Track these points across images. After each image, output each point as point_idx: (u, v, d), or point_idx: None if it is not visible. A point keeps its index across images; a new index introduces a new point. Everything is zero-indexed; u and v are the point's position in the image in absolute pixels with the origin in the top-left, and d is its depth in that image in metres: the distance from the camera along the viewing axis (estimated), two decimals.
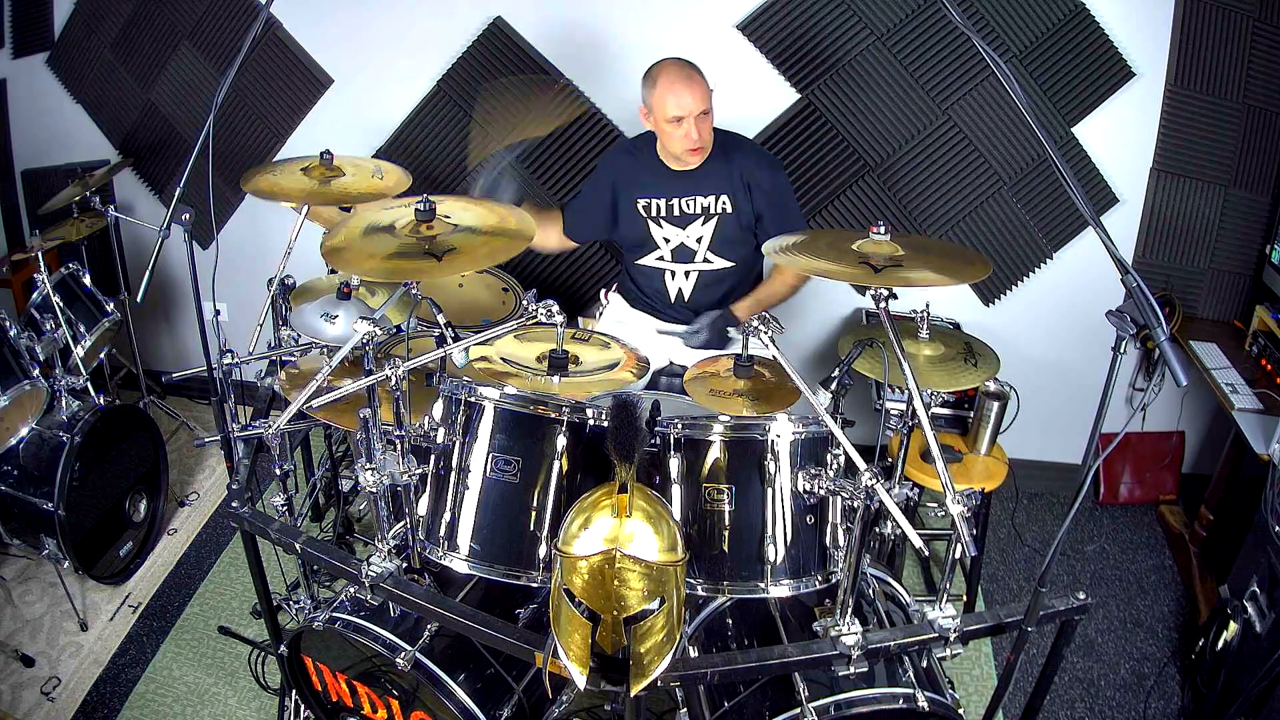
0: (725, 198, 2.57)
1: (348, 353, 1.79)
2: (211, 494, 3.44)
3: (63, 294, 2.97)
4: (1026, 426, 2.87)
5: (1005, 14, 2.88)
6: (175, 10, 3.37)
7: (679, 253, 2.67)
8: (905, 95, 3.03)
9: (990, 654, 2.77)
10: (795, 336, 3.43)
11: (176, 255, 3.49)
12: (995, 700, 1.79)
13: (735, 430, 1.80)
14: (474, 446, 1.83)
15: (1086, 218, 1.48)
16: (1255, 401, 2.65)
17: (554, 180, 3.34)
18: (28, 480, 2.67)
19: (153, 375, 3.81)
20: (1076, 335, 3.23)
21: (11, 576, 2.92)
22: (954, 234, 3.18)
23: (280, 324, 2.50)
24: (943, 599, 1.69)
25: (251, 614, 2.84)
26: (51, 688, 2.57)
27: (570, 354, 1.96)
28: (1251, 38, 2.83)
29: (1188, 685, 2.59)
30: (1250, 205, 3.03)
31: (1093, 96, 2.94)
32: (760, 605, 2.01)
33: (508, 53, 3.19)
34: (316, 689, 2.06)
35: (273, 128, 3.47)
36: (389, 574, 1.77)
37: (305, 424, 2.67)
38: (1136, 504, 3.43)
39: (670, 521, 1.46)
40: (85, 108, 3.61)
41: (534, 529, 1.82)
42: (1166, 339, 1.27)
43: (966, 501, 1.56)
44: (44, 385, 2.73)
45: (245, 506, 1.91)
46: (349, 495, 3.13)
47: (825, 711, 1.65)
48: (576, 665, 1.44)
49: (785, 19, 3.00)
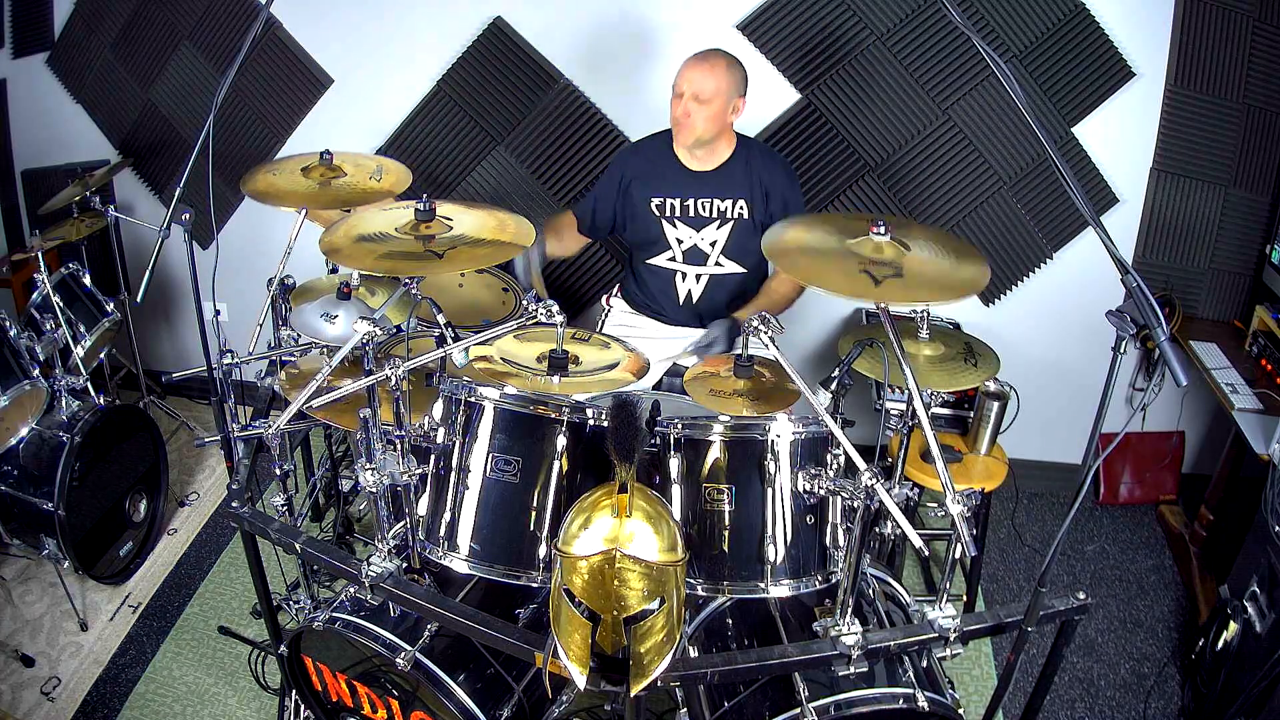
0: (743, 202, 2.56)
1: (348, 353, 1.79)
2: (211, 494, 3.43)
3: (63, 294, 2.96)
4: (1026, 426, 2.87)
5: (1005, 14, 2.88)
6: (175, 10, 3.37)
7: (691, 254, 2.66)
8: (905, 95, 3.03)
9: (990, 654, 2.77)
10: (795, 336, 3.43)
11: (176, 255, 3.49)
12: (995, 700, 1.79)
13: (735, 430, 1.80)
14: (474, 446, 1.83)
15: (1086, 218, 1.48)
16: (1255, 401, 2.65)
17: (554, 180, 3.34)
18: (28, 480, 2.67)
19: (153, 375, 3.81)
20: (1076, 335, 3.23)
21: (11, 576, 2.92)
22: (954, 234, 3.17)
23: (280, 324, 2.50)
24: (943, 599, 1.69)
25: (251, 614, 2.84)
26: (51, 688, 2.57)
27: (570, 354, 1.96)
28: (1251, 38, 2.83)
29: (1188, 685, 2.59)
30: (1250, 205, 3.03)
31: (1093, 96, 2.94)
32: (760, 605, 2.00)
33: (508, 53, 3.19)
34: (316, 689, 2.06)
35: (273, 128, 3.47)
36: (389, 574, 1.77)
37: (305, 424, 2.67)
38: (1136, 504, 3.43)
39: (670, 521, 1.46)
40: (85, 108, 3.61)
41: (534, 529, 1.82)
42: (1166, 339, 1.27)
43: (966, 501, 1.56)
44: (44, 385, 2.73)
45: (245, 506, 1.91)
46: (349, 495, 3.13)
47: (825, 711, 1.65)
48: (576, 665, 1.44)
49: (785, 19, 3.00)
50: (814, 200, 3.19)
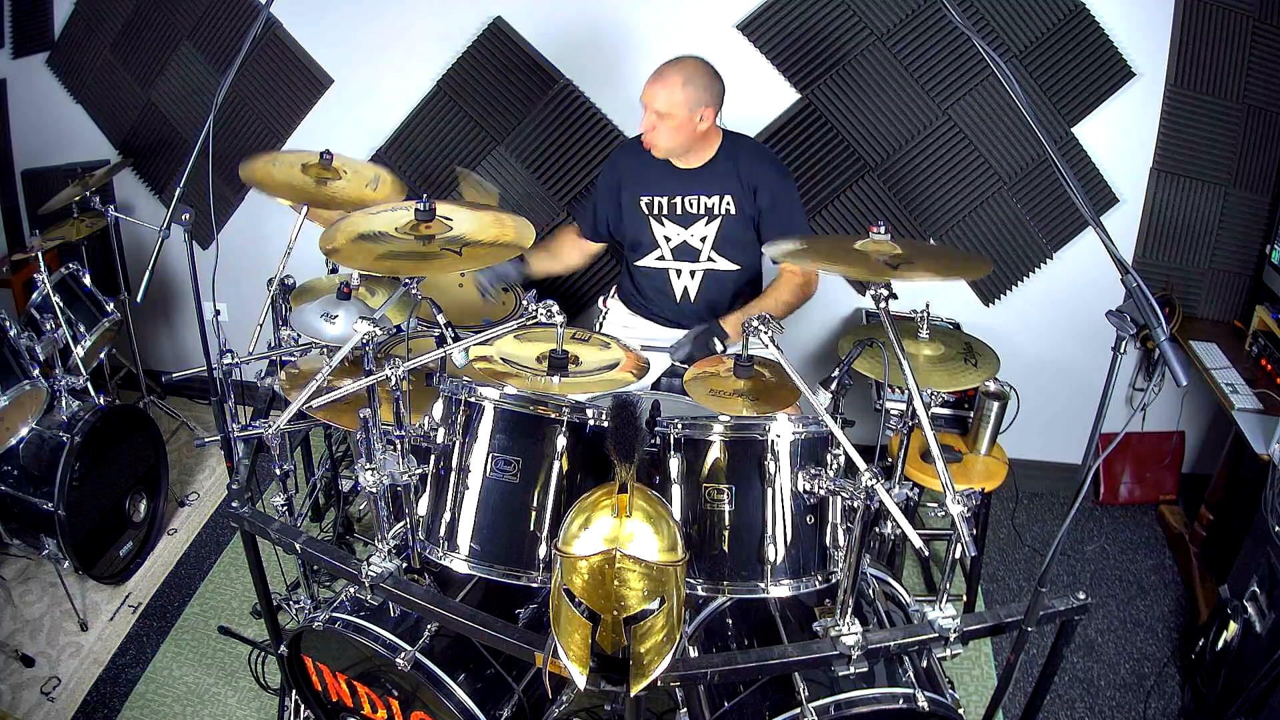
0: (729, 198, 2.56)
1: (348, 353, 1.79)
2: (211, 494, 3.43)
3: (63, 294, 2.97)
4: (1026, 426, 2.87)
5: (1005, 14, 2.88)
6: (175, 10, 3.37)
7: (680, 251, 2.66)
8: (905, 95, 3.03)
9: (990, 654, 2.77)
10: (795, 336, 3.43)
11: (176, 255, 3.50)
12: (995, 700, 1.79)
13: (735, 430, 1.79)
14: (474, 446, 1.83)
15: (1086, 218, 1.48)
16: (1255, 401, 2.65)
17: (554, 180, 3.34)
18: (28, 480, 2.67)
19: (153, 375, 3.81)
20: (1076, 335, 3.23)
21: (11, 576, 2.92)
22: (954, 234, 3.18)
23: (280, 324, 2.50)
24: (943, 599, 1.69)
25: (251, 614, 2.84)
26: (51, 688, 2.57)
27: (570, 354, 1.96)
28: (1251, 38, 2.83)
29: (1188, 685, 2.59)
30: (1250, 205, 3.03)
31: (1093, 96, 2.94)
32: (760, 605, 2.00)
33: (507, 53, 3.19)
34: (316, 689, 2.06)
35: (273, 128, 3.47)
36: (389, 574, 1.77)
37: (305, 424, 2.67)
38: (1136, 504, 3.43)
39: (670, 521, 1.46)
40: (85, 108, 3.61)
41: (534, 529, 1.82)
42: (1166, 339, 1.27)
43: (966, 501, 1.55)
44: (44, 385, 2.73)
45: (245, 506, 1.91)
46: (349, 495, 3.13)
47: (825, 711, 1.65)
48: (576, 665, 1.44)
49: (785, 19, 3.00)
50: (814, 200, 3.19)
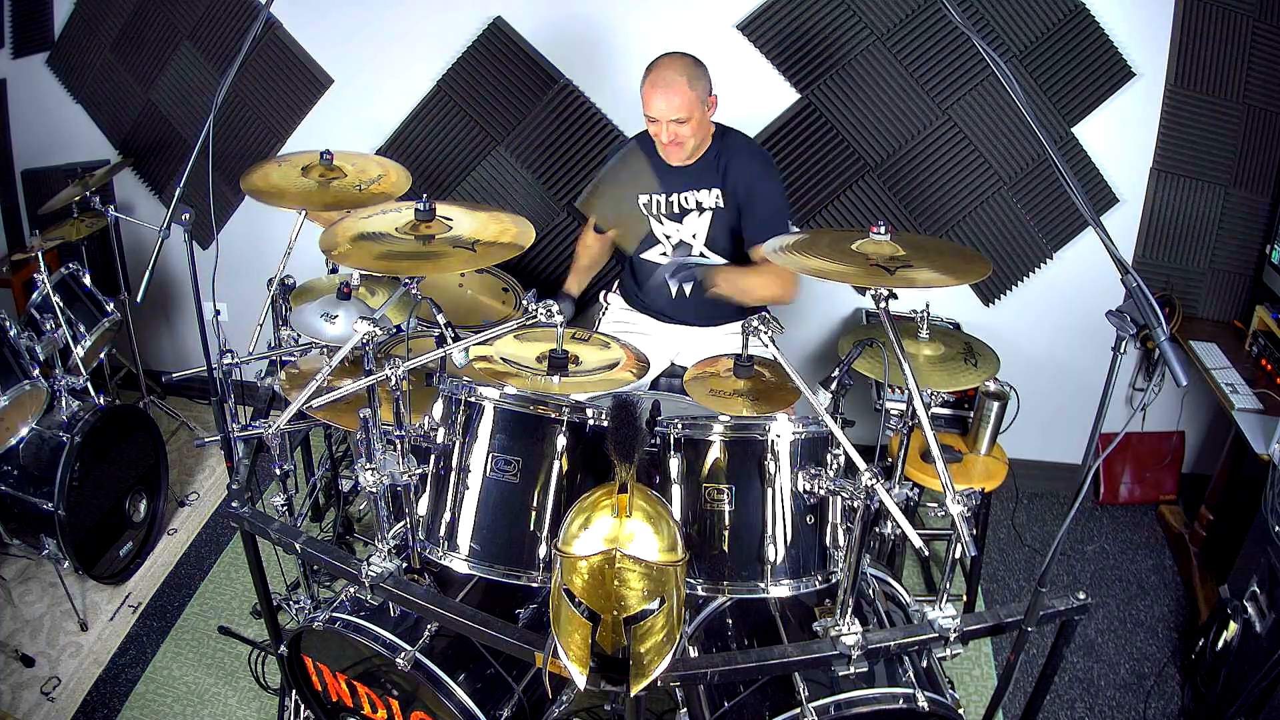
0: (718, 191, 2.57)
1: (348, 353, 1.79)
2: (211, 494, 3.43)
3: (63, 294, 2.96)
4: (1026, 426, 2.87)
5: (1005, 14, 2.88)
6: (175, 10, 3.37)
7: (679, 249, 2.68)
8: (905, 95, 3.03)
9: (990, 654, 2.77)
10: (795, 336, 3.43)
11: (176, 255, 3.49)
12: (995, 700, 1.79)
13: (735, 430, 1.80)
14: (474, 446, 1.83)
15: (1086, 218, 1.48)
16: (1255, 401, 2.65)
17: (554, 180, 3.34)
18: (28, 480, 2.67)
19: (153, 375, 3.81)
20: (1076, 335, 3.23)
21: (11, 576, 2.92)
22: (954, 234, 3.18)
23: (280, 324, 2.50)
24: (943, 599, 1.69)
25: (251, 614, 2.84)
26: (51, 688, 2.57)
27: (570, 354, 1.96)
28: (1251, 38, 2.83)
29: (1188, 685, 2.59)
30: (1250, 205, 3.03)
31: (1093, 96, 2.94)
32: (760, 605, 2.00)
33: (507, 53, 3.19)
34: (316, 689, 2.06)
35: (273, 128, 3.47)
36: (389, 574, 1.77)
37: (305, 424, 2.67)
38: (1136, 504, 3.43)
39: (670, 521, 1.46)
40: (85, 108, 3.61)
41: (534, 529, 1.82)
42: (1166, 339, 1.27)
43: (966, 501, 1.56)
44: (44, 385, 2.73)
45: (245, 506, 1.91)
46: (349, 495, 3.13)
47: (825, 711, 1.65)
48: (576, 665, 1.44)
49: (785, 19, 3.00)
50: (814, 200, 3.19)
